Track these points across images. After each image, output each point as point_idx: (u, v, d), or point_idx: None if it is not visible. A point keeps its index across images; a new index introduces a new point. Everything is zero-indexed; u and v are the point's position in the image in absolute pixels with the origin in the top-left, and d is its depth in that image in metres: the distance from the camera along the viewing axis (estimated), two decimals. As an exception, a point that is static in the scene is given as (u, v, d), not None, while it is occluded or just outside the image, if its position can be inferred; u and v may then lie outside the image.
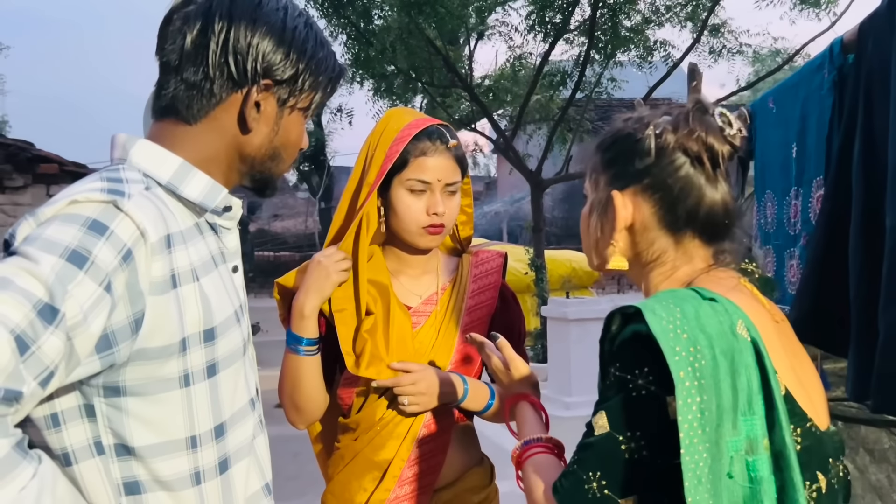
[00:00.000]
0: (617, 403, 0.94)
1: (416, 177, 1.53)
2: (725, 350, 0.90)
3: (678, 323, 0.91)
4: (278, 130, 1.09)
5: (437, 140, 1.55)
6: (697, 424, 0.87)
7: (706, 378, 0.88)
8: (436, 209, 1.54)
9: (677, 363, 0.88)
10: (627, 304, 0.96)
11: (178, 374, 0.97)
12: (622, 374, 0.93)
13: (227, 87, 1.05)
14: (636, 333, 0.93)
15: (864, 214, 1.54)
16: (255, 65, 1.04)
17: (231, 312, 1.05)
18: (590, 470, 0.94)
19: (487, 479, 1.67)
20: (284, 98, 1.08)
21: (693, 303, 0.94)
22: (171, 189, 1.02)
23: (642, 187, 1.05)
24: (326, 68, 1.12)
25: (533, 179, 10.05)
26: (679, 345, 0.89)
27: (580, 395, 6.89)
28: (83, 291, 0.85)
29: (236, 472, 1.06)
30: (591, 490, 0.93)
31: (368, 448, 1.56)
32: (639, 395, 0.91)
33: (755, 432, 0.90)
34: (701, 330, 0.91)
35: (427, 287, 1.64)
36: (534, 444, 1.15)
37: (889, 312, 1.38)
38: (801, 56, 10.59)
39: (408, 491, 1.54)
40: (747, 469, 0.90)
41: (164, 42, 1.06)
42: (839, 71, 1.84)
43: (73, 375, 0.88)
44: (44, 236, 0.86)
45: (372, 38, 9.86)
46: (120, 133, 1.06)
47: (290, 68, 1.07)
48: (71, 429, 0.94)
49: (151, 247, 0.93)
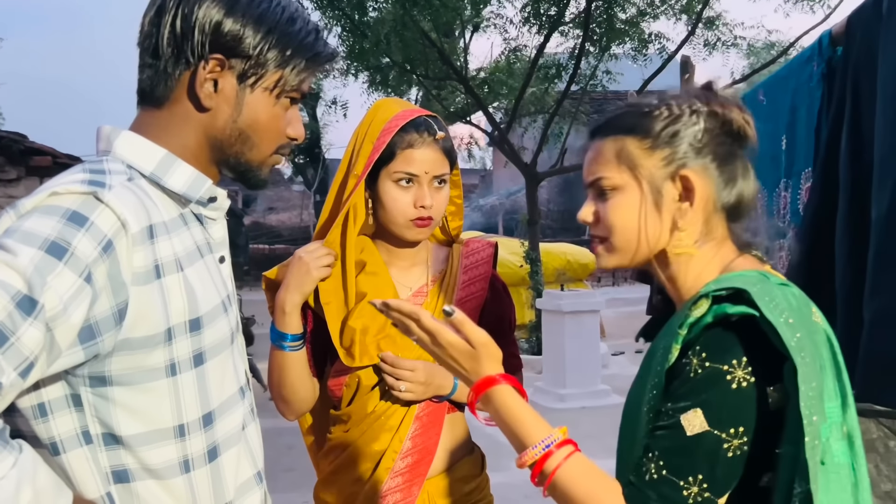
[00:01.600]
0: (715, 398, 0.87)
1: (403, 169, 1.52)
2: (814, 338, 0.88)
3: (782, 307, 0.87)
4: (241, 110, 1.05)
5: (424, 132, 1.53)
6: (809, 412, 0.84)
7: (812, 365, 0.86)
8: (423, 202, 1.53)
9: (794, 348, 0.84)
10: (724, 287, 0.90)
11: (164, 364, 0.98)
12: (716, 366, 0.87)
13: (179, 65, 1.03)
14: (726, 318, 0.88)
15: (851, 205, 1.56)
16: (202, 38, 1.01)
17: (218, 302, 1.06)
18: (689, 475, 0.87)
19: (478, 469, 1.68)
20: (245, 75, 1.04)
21: (778, 289, 0.90)
22: (155, 180, 1.02)
23: (705, 164, 1.01)
24: (299, 45, 1.06)
25: (528, 172, 10.05)
26: (790, 330, 0.85)
27: (574, 388, 6.92)
28: (63, 282, 0.85)
29: (226, 459, 1.06)
30: (691, 495, 0.87)
31: (361, 440, 1.56)
32: (739, 387, 0.86)
33: (838, 418, 0.89)
34: (800, 317, 0.88)
35: (417, 279, 1.64)
36: (555, 445, 0.95)
37: (874, 302, 1.39)
38: (794, 49, 10.59)
39: (400, 482, 1.55)
40: (833, 455, 0.88)
41: (140, 28, 1.06)
42: (828, 63, 1.85)
43: (56, 366, 0.88)
44: (23, 228, 0.87)
45: (366, 30, 9.83)
46: (105, 125, 1.06)
47: (248, 42, 1.02)
48: (58, 418, 0.94)
49: (133, 237, 0.93)
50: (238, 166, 1.09)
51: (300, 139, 1.14)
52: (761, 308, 0.85)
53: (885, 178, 1.43)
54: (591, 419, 5.65)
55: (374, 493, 1.55)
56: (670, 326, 0.98)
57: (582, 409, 6.48)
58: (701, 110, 1.01)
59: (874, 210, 1.44)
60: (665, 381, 0.93)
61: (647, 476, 0.89)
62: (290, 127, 1.11)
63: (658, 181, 1.01)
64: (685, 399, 0.88)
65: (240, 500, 1.09)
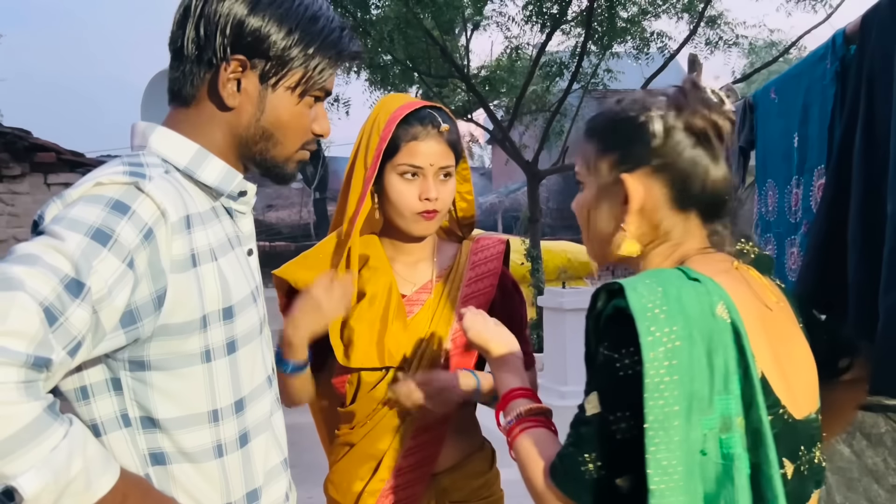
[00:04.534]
0: (606, 383, 0.94)
1: (408, 162, 1.51)
2: (704, 331, 0.91)
3: (658, 302, 0.91)
4: (264, 109, 1.07)
5: (428, 124, 1.52)
6: (664, 403, 0.88)
7: (680, 358, 0.89)
8: (428, 194, 1.51)
9: (650, 343, 0.89)
10: (612, 280, 0.96)
11: (199, 350, 1.00)
12: (609, 354, 0.93)
13: (203, 66, 1.05)
14: (619, 310, 0.93)
15: (865, 201, 1.57)
16: (224, 40, 1.02)
17: (248, 293, 1.08)
18: (585, 451, 0.94)
19: (488, 465, 1.67)
20: (267, 75, 1.05)
21: (676, 283, 0.95)
22: (189, 173, 1.05)
23: (652, 169, 1.03)
24: (322, 44, 1.07)
25: (529, 170, 10.07)
26: (655, 325, 0.90)
27: (576, 385, 6.94)
28: (107, 267, 0.88)
29: (255, 445, 1.09)
30: (587, 471, 0.93)
31: (365, 439, 1.56)
32: (625, 374, 0.91)
33: (729, 411, 0.91)
34: (681, 310, 0.91)
35: (422, 275, 1.62)
36: (525, 417, 1.13)
37: (889, 296, 1.40)
38: (796, 48, 10.61)
39: (403, 480, 1.55)
40: (720, 446, 0.90)
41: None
42: (842, 61, 1.86)
43: (100, 348, 0.91)
44: (70, 216, 0.90)
45: (369, 27, 9.84)
46: (139, 122, 1.09)
47: (270, 43, 1.03)
48: (99, 401, 0.98)
49: (171, 226, 0.96)
50: (263, 162, 1.12)
51: (326, 135, 1.15)
52: (629, 301, 0.91)
53: (900, 174, 1.45)
54: (593, 416, 5.67)
55: (377, 491, 1.55)
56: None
57: (584, 406, 6.50)
58: (654, 115, 1.02)
59: (889, 205, 1.45)
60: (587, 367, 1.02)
61: (563, 448, 0.98)
62: (315, 124, 1.13)
63: (606, 183, 1.07)
64: (589, 383, 0.98)
65: (268, 486, 1.12)
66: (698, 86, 1.04)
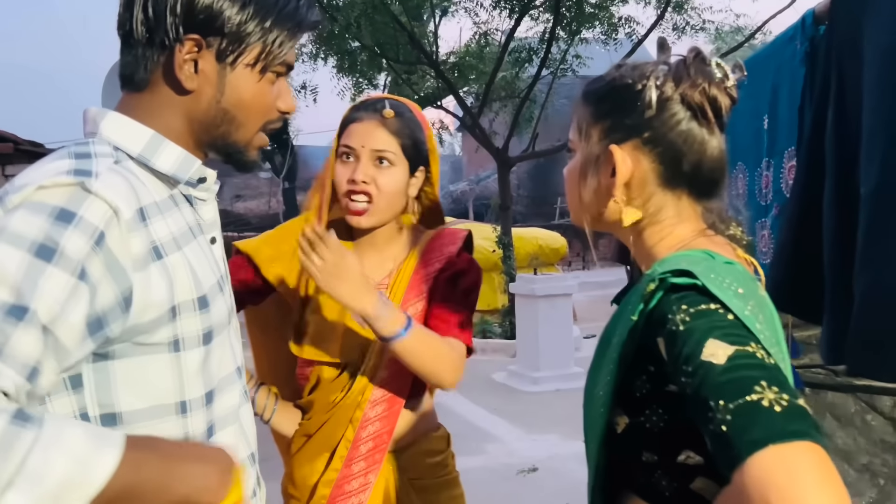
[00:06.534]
0: (718, 324, 0.82)
1: (343, 142, 1.52)
2: (763, 308, 0.90)
3: (729, 280, 0.86)
4: (224, 90, 1.01)
5: (371, 108, 1.53)
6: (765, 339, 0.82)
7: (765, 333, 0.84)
8: (353, 175, 1.49)
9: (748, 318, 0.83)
10: (664, 270, 0.89)
11: (167, 340, 0.96)
12: (701, 307, 0.84)
13: (155, 49, 0.99)
14: (676, 286, 0.87)
15: (838, 182, 1.57)
16: (174, 20, 0.97)
17: (214, 282, 1.04)
18: (751, 389, 0.75)
19: (444, 445, 1.68)
20: (224, 53, 1.00)
21: (725, 266, 0.91)
22: (143, 161, 0.99)
23: (642, 141, 0.98)
24: (278, 15, 1.02)
25: (500, 157, 10.06)
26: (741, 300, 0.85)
27: (548, 370, 6.97)
28: (55, 284, 0.83)
29: (222, 438, 1.05)
30: (768, 400, 0.74)
31: (319, 432, 1.56)
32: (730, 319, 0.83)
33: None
34: (748, 287, 0.89)
35: (382, 269, 1.61)
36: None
37: (864, 276, 1.41)
38: (761, 32, 10.72)
39: (356, 469, 1.55)
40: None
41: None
42: (811, 42, 1.86)
43: (72, 360, 0.87)
44: (9, 229, 0.83)
45: (336, 13, 9.72)
46: (91, 107, 1.03)
47: (223, 18, 0.98)
48: (55, 401, 0.92)
49: (126, 224, 0.90)
50: (225, 147, 1.07)
51: (291, 111, 1.10)
52: (706, 284, 0.85)
53: (872, 154, 1.44)
54: (564, 401, 5.71)
55: (331, 481, 1.54)
56: (622, 312, 0.98)
57: (556, 392, 6.54)
58: (651, 84, 0.97)
59: (863, 186, 1.45)
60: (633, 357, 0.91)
61: (722, 426, 0.75)
62: (279, 100, 1.08)
63: (595, 152, 1.02)
64: (689, 346, 0.81)
65: None
66: (703, 57, 0.98)
